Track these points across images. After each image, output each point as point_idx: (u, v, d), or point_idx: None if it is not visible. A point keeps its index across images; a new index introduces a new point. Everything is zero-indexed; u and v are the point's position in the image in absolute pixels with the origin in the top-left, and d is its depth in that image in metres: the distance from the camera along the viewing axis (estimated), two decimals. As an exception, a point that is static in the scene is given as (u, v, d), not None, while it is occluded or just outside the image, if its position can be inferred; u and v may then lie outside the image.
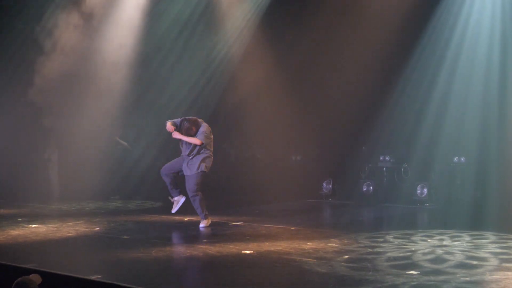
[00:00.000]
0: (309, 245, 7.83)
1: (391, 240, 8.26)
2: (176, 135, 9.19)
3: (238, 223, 10.01)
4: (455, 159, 12.47)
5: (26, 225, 9.64)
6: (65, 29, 13.95)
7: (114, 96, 14.55)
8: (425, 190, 12.52)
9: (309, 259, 6.90)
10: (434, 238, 8.38)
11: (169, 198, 9.62)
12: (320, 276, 6.14)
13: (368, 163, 13.67)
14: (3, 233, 8.80)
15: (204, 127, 9.33)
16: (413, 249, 7.53)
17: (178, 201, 9.49)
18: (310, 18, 13.72)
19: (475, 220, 9.88)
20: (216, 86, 14.94)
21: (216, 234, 8.88)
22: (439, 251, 7.39)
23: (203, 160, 9.18)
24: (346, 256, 7.05)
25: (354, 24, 13.04)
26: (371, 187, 13.41)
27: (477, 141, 11.95)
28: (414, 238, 8.35)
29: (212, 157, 9.39)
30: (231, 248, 7.67)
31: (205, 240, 8.25)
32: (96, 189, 14.44)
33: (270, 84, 14.40)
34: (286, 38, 14.23)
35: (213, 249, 7.56)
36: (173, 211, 9.59)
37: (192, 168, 9.16)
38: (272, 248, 7.60)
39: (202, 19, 14.70)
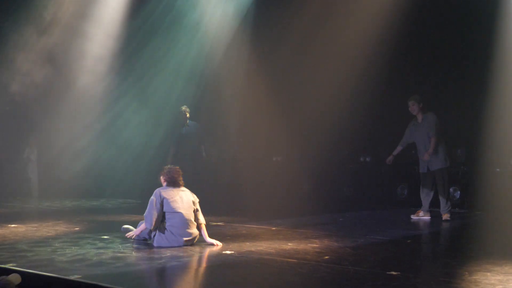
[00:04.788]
0: (289, 245, 7.84)
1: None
2: None
3: (218, 223, 9.99)
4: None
5: (5, 225, 9.55)
6: (44, 30, 13.89)
7: (94, 97, 14.50)
8: (405, 191, 12.60)
9: (290, 260, 6.91)
10: None
11: None
12: (301, 277, 6.15)
13: (349, 164, 13.72)
14: (-19, 233, 8.73)
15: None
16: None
17: None
18: (293, 19, 13.76)
19: None
20: (197, 86, 14.93)
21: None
22: None
23: None
24: (327, 257, 7.07)
25: (337, 25, 13.09)
26: (352, 188, 13.46)
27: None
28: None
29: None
30: (211, 248, 7.66)
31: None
32: (76, 188, 14.38)
33: (252, 84, 14.41)
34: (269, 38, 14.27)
35: (194, 249, 7.54)
36: None
37: None
38: (252, 249, 7.59)
39: (183, 20, 14.69)
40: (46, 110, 14.36)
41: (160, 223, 7.75)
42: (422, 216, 10.54)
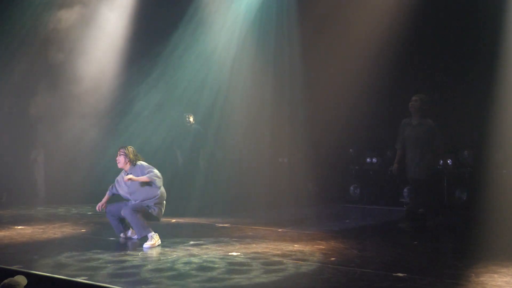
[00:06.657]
0: (296, 247, 7.83)
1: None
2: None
3: (225, 225, 9.99)
4: (440, 161, 12.51)
5: (12, 226, 9.59)
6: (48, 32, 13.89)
7: (100, 99, 14.48)
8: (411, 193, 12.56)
9: (296, 261, 6.90)
10: None
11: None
12: (307, 278, 6.15)
13: (355, 165, 13.69)
14: (-12, 235, 8.76)
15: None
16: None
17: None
18: (300, 20, 13.76)
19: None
20: (205, 89, 14.90)
21: (203, 235, 8.86)
22: None
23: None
24: (333, 258, 7.06)
25: (343, 26, 13.07)
26: (358, 189, 13.43)
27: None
28: None
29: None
30: (217, 249, 7.66)
31: (192, 242, 8.23)
32: (83, 190, 14.38)
33: (258, 85, 14.39)
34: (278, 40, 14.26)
35: (199, 251, 7.55)
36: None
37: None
38: (259, 250, 7.59)
39: (191, 23, 14.67)
40: (53, 111, 14.35)
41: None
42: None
